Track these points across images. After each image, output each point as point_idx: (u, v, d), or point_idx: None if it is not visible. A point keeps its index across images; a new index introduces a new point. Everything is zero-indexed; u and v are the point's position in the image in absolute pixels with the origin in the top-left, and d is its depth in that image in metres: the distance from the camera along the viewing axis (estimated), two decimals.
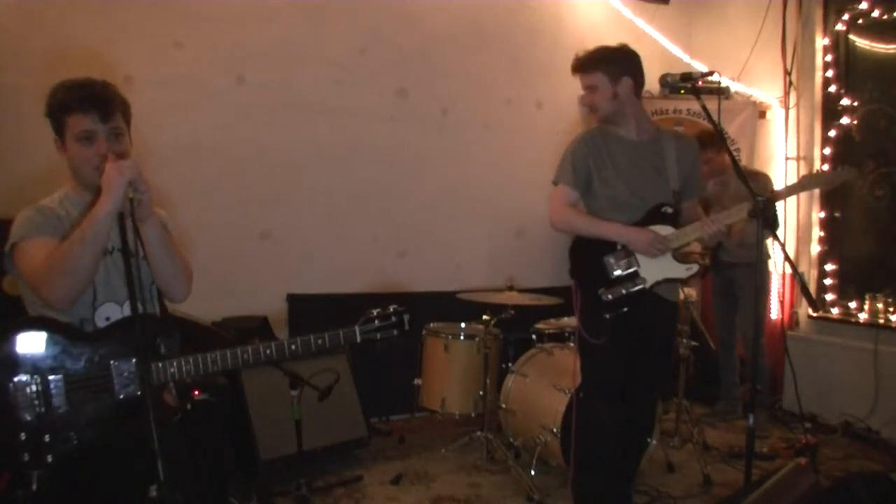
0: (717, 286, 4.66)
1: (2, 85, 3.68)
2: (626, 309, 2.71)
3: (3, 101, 3.65)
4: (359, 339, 2.07)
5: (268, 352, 1.97)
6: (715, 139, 4.29)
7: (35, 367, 1.78)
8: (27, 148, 3.53)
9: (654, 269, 2.73)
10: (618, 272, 2.73)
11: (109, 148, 1.91)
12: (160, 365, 1.86)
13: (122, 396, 1.84)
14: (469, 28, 5.02)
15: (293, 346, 1.99)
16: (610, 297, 2.70)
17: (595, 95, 2.78)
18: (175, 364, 1.88)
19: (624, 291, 2.70)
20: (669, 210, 2.77)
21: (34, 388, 1.77)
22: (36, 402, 1.76)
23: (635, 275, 2.73)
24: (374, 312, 2.10)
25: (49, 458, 1.76)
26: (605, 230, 2.75)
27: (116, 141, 1.93)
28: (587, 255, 2.78)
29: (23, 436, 1.75)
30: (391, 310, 2.13)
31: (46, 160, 2.06)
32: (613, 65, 2.76)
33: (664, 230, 2.74)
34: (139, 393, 1.83)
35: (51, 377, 1.79)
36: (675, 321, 3.11)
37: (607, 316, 2.70)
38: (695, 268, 2.79)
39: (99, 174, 1.85)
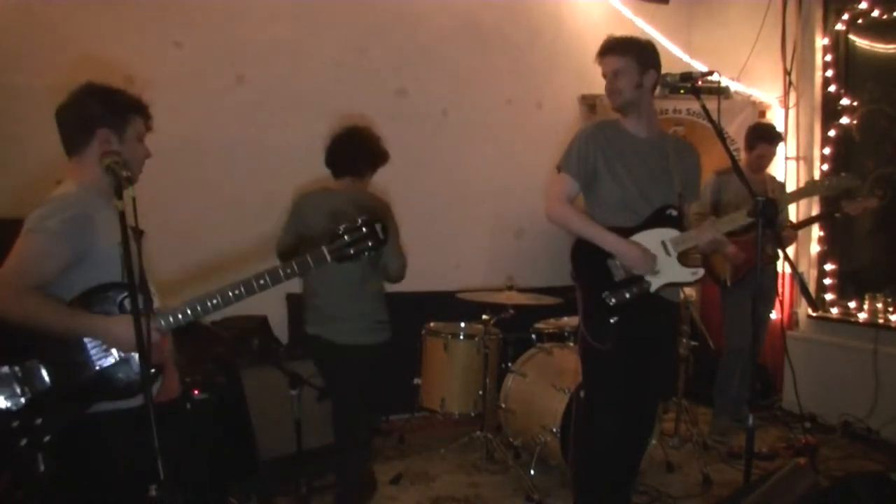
0: (742, 289, 4.23)
1: (1, 85, 3.68)
2: (630, 313, 2.64)
3: (2, 100, 3.65)
4: (329, 259, 2.00)
5: (262, 280, 1.95)
6: (770, 133, 4.28)
7: (10, 354, 1.79)
8: (27, 148, 3.53)
9: (660, 274, 2.68)
10: (622, 275, 2.66)
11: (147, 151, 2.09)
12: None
13: (98, 367, 1.84)
14: (469, 28, 5.02)
15: (261, 281, 1.95)
16: (614, 300, 2.63)
17: (619, 81, 2.70)
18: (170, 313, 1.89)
19: (628, 295, 2.63)
20: (674, 213, 2.73)
21: (13, 374, 1.78)
22: (19, 391, 1.78)
23: (640, 278, 2.66)
24: (341, 228, 2.02)
25: (46, 438, 1.78)
26: (599, 238, 2.67)
27: None
28: (590, 257, 2.70)
29: (15, 423, 1.76)
30: (360, 221, 2.03)
31: (46, 160, 2.05)
32: (644, 55, 2.71)
33: (668, 233, 2.70)
34: (114, 361, 1.84)
35: (26, 362, 1.80)
36: (677, 323, 3.09)
37: (612, 321, 2.63)
38: (701, 272, 2.74)
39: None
